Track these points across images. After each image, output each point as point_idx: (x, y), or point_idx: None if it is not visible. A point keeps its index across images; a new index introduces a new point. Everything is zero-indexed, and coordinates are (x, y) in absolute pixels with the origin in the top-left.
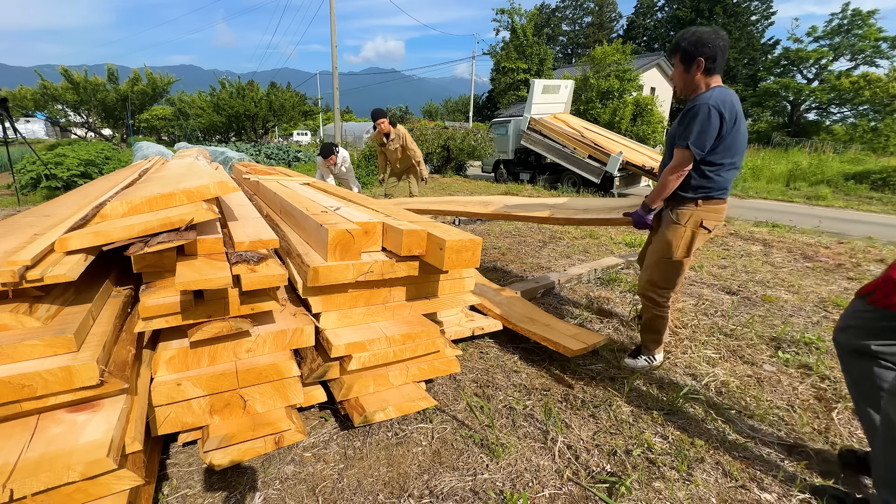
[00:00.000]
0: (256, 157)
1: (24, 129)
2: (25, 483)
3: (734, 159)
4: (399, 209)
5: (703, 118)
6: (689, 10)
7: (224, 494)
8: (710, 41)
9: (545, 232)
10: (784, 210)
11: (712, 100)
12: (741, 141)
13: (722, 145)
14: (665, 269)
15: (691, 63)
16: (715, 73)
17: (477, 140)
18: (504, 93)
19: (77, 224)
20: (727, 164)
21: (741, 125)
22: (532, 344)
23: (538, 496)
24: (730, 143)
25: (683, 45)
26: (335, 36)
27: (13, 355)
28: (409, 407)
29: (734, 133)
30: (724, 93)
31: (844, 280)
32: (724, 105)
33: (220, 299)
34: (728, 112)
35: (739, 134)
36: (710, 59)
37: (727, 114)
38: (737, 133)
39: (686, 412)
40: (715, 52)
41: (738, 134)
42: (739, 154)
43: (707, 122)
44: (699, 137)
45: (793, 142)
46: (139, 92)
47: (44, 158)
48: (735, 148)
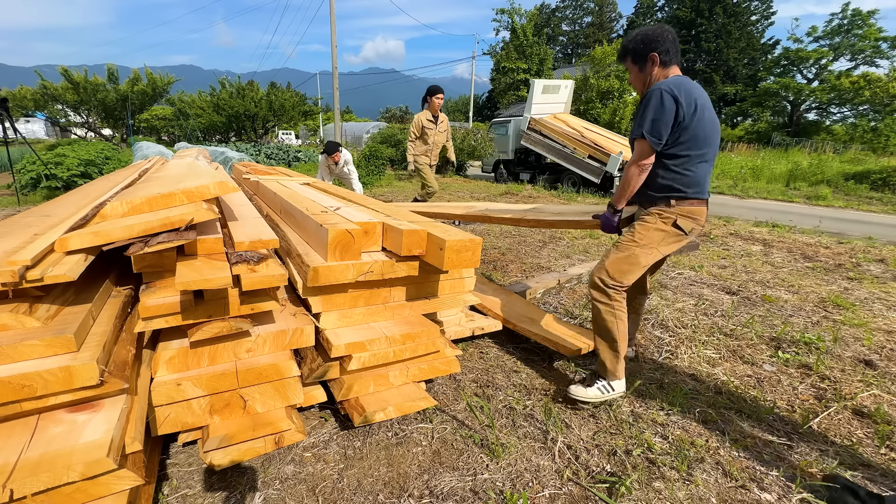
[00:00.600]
0: (256, 157)
1: (24, 129)
2: (25, 483)
3: (702, 151)
4: (399, 209)
5: (655, 104)
6: (689, 10)
7: (224, 494)
8: (657, 36)
9: (545, 232)
10: (784, 210)
11: (665, 85)
12: (708, 132)
13: (685, 135)
14: (620, 256)
15: (645, 61)
16: (671, 65)
17: (477, 140)
18: (504, 93)
19: (77, 224)
20: (694, 156)
21: (705, 114)
22: (532, 344)
23: (538, 496)
24: (694, 132)
25: (632, 46)
26: (335, 36)
27: (13, 355)
28: (409, 407)
29: (697, 122)
30: (682, 80)
31: (844, 280)
32: (680, 89)
33: (220, 299)
34: (685, 97)
35: (705, 123)
36: (662, 52)
37: (683, 98)
38: (700, 122)
39: (686, 412)
40: (666, 44)
41: (702, 123)
42: (709, 146)
43: (660, 107)
44: (654, 125)
45: (793, 142)
46: (139, 92)
47: (44, 158)
48: (702, 139)
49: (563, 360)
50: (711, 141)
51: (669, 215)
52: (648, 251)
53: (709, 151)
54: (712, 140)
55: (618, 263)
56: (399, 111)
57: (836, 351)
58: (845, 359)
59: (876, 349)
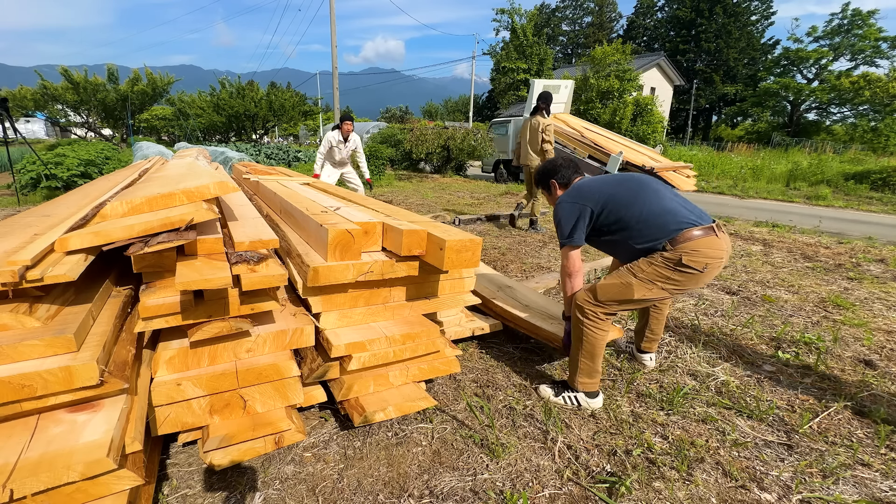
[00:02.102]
0: (256, 157)
1: (24, 129)
2: (25, 483)
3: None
4: (399, 209)
5: (560, 216)
6: (689, 10)
7: (224, 494)
8: (549, 168)
9: (545, 232)
10: (784, 210)
11: (561, 198)
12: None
13: (613, 210)
14: (619, 284)
15: (549, 189)
16: (571, 181)
17: (477, 140)
18: (504, 93)
19: (77, 224)
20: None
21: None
22: (532, 344)
23: (538, 496)
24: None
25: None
26: (335, 36)
27: (13, 355)
28: (409, 407)
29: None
30: (579, 183)
31: (844, 280)
32: (576, 191)
33: (220, 299)
34: (577, 194)
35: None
36: (560, 177)
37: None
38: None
39: (686, 412)
40: (558, 170)
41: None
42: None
43: (565, 216)
44: (570, 231)
45: (793, 142)
46: (139, 92)
47: (44, 158)
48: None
49: (563, 359)
50: (641, 193)
51: (671, 255)
52: (645, 287)
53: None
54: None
55: (609, 287)
56: (399, 111)
57: (836, 351)
58: (845, 359)
59: (876, 349)
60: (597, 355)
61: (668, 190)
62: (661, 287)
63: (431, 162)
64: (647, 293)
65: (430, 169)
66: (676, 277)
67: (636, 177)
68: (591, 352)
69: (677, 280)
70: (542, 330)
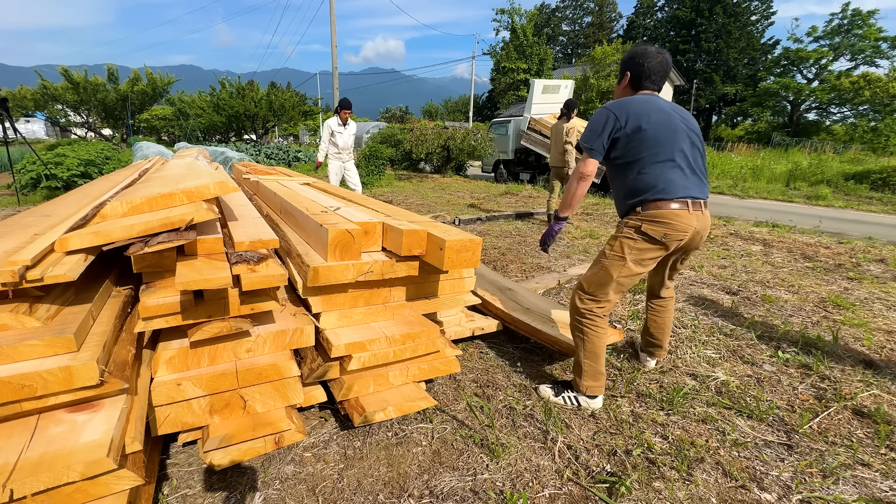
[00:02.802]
0: (256, 157)
1: (24, 129)
2: (25, 483)
3: (655, 150)
4: (399, 209)
5: (593, 120)
6: (689, 10)
7: (224, 494)
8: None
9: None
10: (784, 210)
11: (608, 104)
12: (664, 134)
13: (636, 139)
14: (593, 269)
15: (622, 76)
16: (643, 90)
17: (477, 140)
18: (504, 93)
19: (77, 224)
20: (647, 156)
21: (658, 119)
22: (532, 344)
23: (538, 496)
24: (644, 136)
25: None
26: (335, 36)
27: (13, 355)
28: (409, 407)
29: (646, 128)
30: (631, 98)
31: (844, 280)
32: (620, 106)
33: (220, 299)
34: (621, 111)
35: (657, 127)
36: (634, 76)
37: (621, 113)
38: (645, 130)
39: (686, 412)
40: (640, 70)
41: (652, 128)
42: (667, 146)
43: (595, 121)
44: (588, 135)
45: (793, 142)
46: (139, 92)
47: (44, 158)
48: (655, 141)
49: (564, 360)
50: (670, 142)
51: (634, 222)
52: (617, 263)
53: (669, 151)
54: (666, 142)
55: (593, 277)
56: (399, 111)
57: (836, 351)
58: (845, 359)
59: (876, 349)
60: (599, 355)
61: (696, 156)
62: (632, 260)
63: (431, 162)
64: (623, 269)
65: (430, 169)
66: (639, 246)
67: (680, 126)
68: (593, 352)
69: (640, 249)
70: (543, 333)
